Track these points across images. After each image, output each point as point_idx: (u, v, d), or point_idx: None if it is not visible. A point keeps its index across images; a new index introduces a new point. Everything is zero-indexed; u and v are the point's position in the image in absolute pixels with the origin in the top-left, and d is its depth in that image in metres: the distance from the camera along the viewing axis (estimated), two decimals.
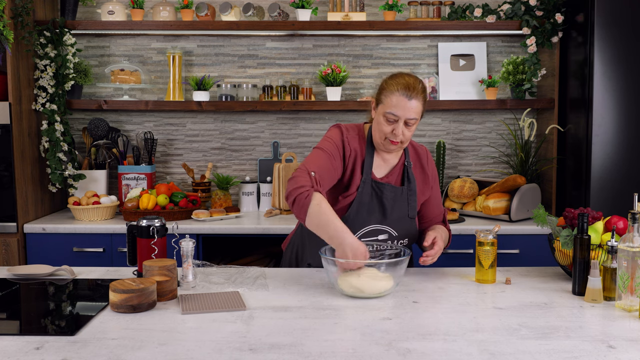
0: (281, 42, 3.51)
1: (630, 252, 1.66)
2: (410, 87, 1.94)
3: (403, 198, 2.08)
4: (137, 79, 3.39)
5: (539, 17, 3.20)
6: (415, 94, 1.94)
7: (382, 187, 2.05)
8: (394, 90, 1.95)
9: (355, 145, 2.06)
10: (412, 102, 1.94)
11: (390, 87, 1.96)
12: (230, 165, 3.58)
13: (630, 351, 1.40)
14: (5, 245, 2.93)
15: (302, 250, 2.20)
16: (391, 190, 2.06)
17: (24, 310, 1.77)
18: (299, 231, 2.23)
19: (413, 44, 3.51)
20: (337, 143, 2.05)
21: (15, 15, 2.94)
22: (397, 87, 1.95)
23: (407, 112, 1.94)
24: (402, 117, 1.95)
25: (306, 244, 2.18)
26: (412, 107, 1.94)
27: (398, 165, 2.12)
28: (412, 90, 1.94)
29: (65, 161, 3.18)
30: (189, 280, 1.90)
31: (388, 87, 1.97)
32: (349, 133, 2.08)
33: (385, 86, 1.99)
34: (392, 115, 1.95)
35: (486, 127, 3.56)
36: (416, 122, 1.99)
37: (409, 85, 1.95)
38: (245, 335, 1.49)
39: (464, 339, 1.48)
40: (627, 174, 2.90)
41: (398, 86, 1.95)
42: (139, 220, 1.91)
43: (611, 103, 2.89)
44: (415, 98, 1.94)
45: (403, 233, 2.08)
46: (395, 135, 1.97)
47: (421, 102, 1.98)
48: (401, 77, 1.98)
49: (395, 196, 2.07)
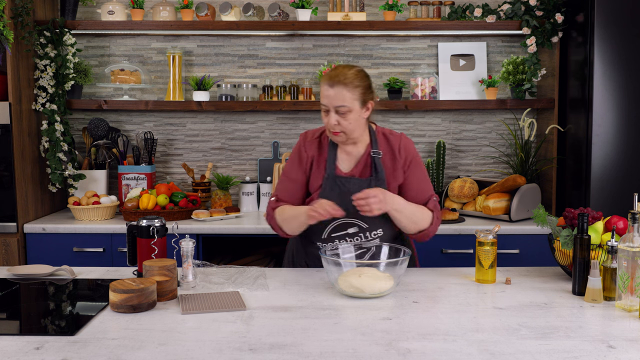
0: (281, 42, 3.51)
1: (630, 252, 1.66)
2: (333, 76, 2.02)
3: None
4: (137, 79, 3.39)
5: (539, 17, 3.20)
6: (337, 82, 2.00)
7: (345, 181, 2.09)
8: (323, 82, 2.05)
9: (313, 151, 2.16)
10: (335, 89, 2.00)
11: (322, 79, 2.07)
12: (230, 165, 3.58)
13: (630, 351, 1.40)
14: (5, 245, 2.93)
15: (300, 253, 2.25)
16: (355, 183, 2.08)
17: (24, 310, 1.77)
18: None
19: (413, 44, 3.51)
20: (296, 157, 2.18)
21: (15, 15, 2.94)
22: (324, 79, 2.04)
23: (332, 100, 2.00)
24: (330, 106, 2.01)
25: (302, 247, 2.23)
26: (334, 94, 2.00)
27: (363, 157, 2.13)
28: (334, 79, 2.01)
29: (65, 161, 3.18)
30: (189, 280, 1.90)
31: (321, 80, 2.08)
32: (307, 139, 2.19)
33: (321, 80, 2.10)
34: (323, 105, 2.04)
35: (486, 127, 3.56)
36: (349, 111, 2.01)
37: (333, 75, 2.02)
38: (245, 335, 1.49)
39: (464, 339, 1.48)
40: (627, 174, 2.90)
41: (326, 77, 2.04)
42: (139, 220, 1.92)
43: (611, 103, 2.89)
44: (337, 85, 2.00)
45: (374, 224, 2.09)
46: (330, 126, 2.03)
47: (347, 90, 2.00)
48: (333, 69, 2.07)
49: (359, 188, 2.06)
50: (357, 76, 2.03)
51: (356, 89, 2.02)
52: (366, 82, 2.05)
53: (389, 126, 3.53)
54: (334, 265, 1.84)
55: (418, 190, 2.13)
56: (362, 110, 2.05)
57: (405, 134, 2.20)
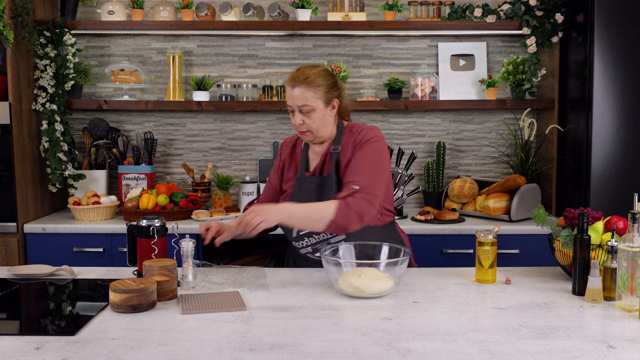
0: (281, 42, 3.51)
1: (630, 252, 1.66)
2: (294, 77, 2.07)
3: (329, 186, 2.08)
4: (137, 79, 3.39)
5: (539, 17, 3.20)
6: (298, 82, 2.05)
7: (305, 181, 2.14)
8: (286, 84, 2.10)
9: (286, 155, 2.26)
10: (296, 90, 2.04)
11: (285, 82, 2.11)
12: (230, 165, 3.58)
13: (630, 351, 1.40)
14: (5, 245, 2.93)
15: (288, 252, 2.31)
16: (312, 181, 2.12)
17: (24, 310, 1.77)
18: None
19: (413, 44, 3.51)
20: (275, 163, 2.31)
21: (15, 15, 2.94)
22: (287, 80, 2.09)
23: (295, 100, 2.05)
24: (294, 106, 2.06)
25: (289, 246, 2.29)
26: (296, 94, 2.04)
27: (324, 155, 2.15)
28: (294, 79, 2.06)
29: (65, 161, 3.18)
30: (189, 280, 1.90)
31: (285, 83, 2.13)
32: (284, 145, 2.30)
33: None
34: (289, 106, 2.09)
35: (486, 127, 3.56)
36: (313, 110, 2.04)
37: (294, 76, 2.07)
38: (245, 335, 1.49)
39: (464, 339, 1.48)
40: (627, 174, 2.90)
41: (288, 79, 2.09)
42: (139, 220, 1.92)
43: (611, 103, 2.89)
44: (298, 86, 2.04)
45: None
46: (297, 125, 2.08)
47: (307, 89, 2.03)
48: (297, 69, 2.10)
49: (319, 186, 2.09)
50: (319, 75, 2.06)
51: (319, 88, 2.04)
52: (329, 80, 2.07)
53: (389, 126, 3.53)
54: (334, 265, 1.84)
55: (349, 173, 2.04)
56: (327, 109, 2.07)
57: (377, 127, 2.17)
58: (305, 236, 2.11)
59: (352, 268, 1.84)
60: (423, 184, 3.49)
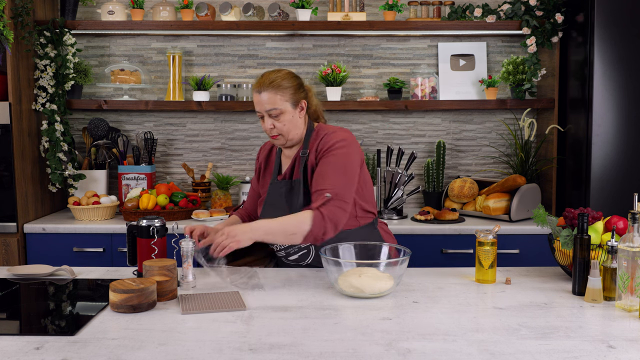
0: (281, 42, 3.51)
1: (630, 252, 1.66)
2: (259, 82, 2.07)
3: (297, 191, 2.09)
4: (137, 79, 3.39)
5: (539, 17, 3.20)
6: (262, 87, 2.05)
7: (275, 186, 2.15)
8: (252, 90, 2.13)
9: (262, 159, 2.29)
10: (262, 95, 2.05)
11: (252, 88, 2.14)
12: (230, 165, 3.58)
13: (630, 351, 1.40)
14: (5, 245, 2.93)
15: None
16: (281, 185, 2.13)
17: (24, 310, 1.77)
18: None
19: (413, 44, 3.51)
20: (255, 167, 2.33)
21: (15, 15, 2.94)
22: (253, 87, 2.09)
23: (263, 105, 2.06)
24: (262, 111, 2.07)
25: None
26: (264, 99, 2.05)
27: (293, 158, 2.16)
28: (260, 85, 2.06)
29: (65, 161, 3.18)
30: (189, 280, 1.91)
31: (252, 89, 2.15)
32: (262, 149, 2.32)
33: None
34: (257, 112, 2.09)
35: (486, 127, 3.56)
36: (281, 113, 2.05)
37: (258, 81, 2.08)
38: (245, 335, 1.49)
39: (464, 339, 1.48)
40: (627, 174, 2.90)
41: (254, 85, 2.10)
42: (139, 220, 1.92)
43: (611, 103, 2.89)
44: (264, 90, 2.05)
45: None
46: (267, 130, 2.09)
47: (275, 92, 2.04)
48: (260, 76, 2.11)
49: (288, 190, 2.10)
50: (285, 78, 2.07)
51: (285, 91, 2.05)
52: (295, 82, 2.08)
53: (389, 126, 3.53)
54: (334, 265, 1.84)
55: (317, 181, 2.01)
56: (296, 111, 2.08)
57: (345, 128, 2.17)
58: None
59: (352, 268, 1.85)
60: (423, 184, 3.49)
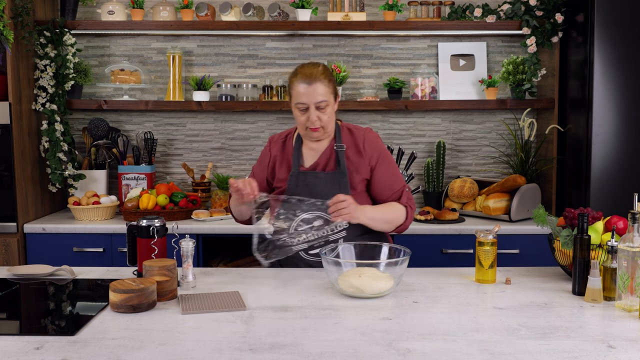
0: (281, 42, 3.51)
1: (630, 252, 1.66)
2: (308, 74, 2.07)
3: (333, 182, 2.11)
4: (137, 79, 3.39)
5: (539, 17, 3.20)
6: (314, 79, 2.06)
7: (307, 175, 2.14)
8: (295, 82, 2.09)
9: (276, 151, 2.24)
10: (314, 86, 2.05)
11: (293, 80, 2.11)
12: (230, 165, 3.58)
13: (630, 351, 1.40)
14: (5, 245, 2.93)
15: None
16: (317, 176, 2.13)
17: (24, 310, 1.77)
18: None
19: (413, 44, 3.51)
20: (261, 157, 2.29)
21: (15, 15, 2.94)
22: (298, 78, 2.08)
23: (312, 97, 2.05)
24: (310, 103, 2.06)
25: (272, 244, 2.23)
26: (316, 91, 2.05)
27: (326, 151, 2.17)
28: (311, 76, 2.06)
29: (65, 161, 3.18)
30: (189, 280, 1.91)
31: (291, 80, 2.12)
32: (273, 141, 2.28)
33: (289, 81, 2.14)
34: (301, 104, 2.07)
35: (486, 127, 3.56)
36: (328, 105, 2.08)
37: (306, 73, 2.07)
38: (245, 335, 1.49)
39: (464, 339, 1.48)
40: (627, 174, 2.90)
41: (298, 77, 2.09)
42: (139, 220, 1.92)
43: (611, 103, 2.89)
44: (315, 82, 2.05)
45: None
46: (311, 122, 2.08)
47: (324, 84, 2.07)
48: (300, 68, 2.12)
49: (324, 181, 2.11)
50: (327, 71, 2.12)
51: (331, 83, 2.10)
52: (333, 76, 2.15)
53: (389, 126, 3.53)
54: (334, 265, 1.84)
55: (388, 186, 2.16)
56: (335, 104, 2.14)
57: (371, 128, 2.25)
58: (304, 232, 2.09)
59: (352, 268, 1.85)
60: (423, 184, 3.49)
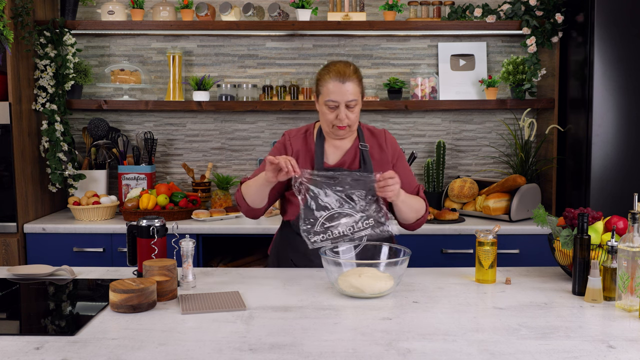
0: (281, 42, 3.51)
1: (630, 252, 1.66)
2: (342, 72, 2.05)
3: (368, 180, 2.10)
4: (137, 79, 3.39)
5: (539, 17, 3.20)
6: (347, 77, 2.05)
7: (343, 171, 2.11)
8: (328, 79, 2.07)
9: (298, 146, 2.19)
10: (347, 85, 2.04)
11: (324, 76, 2.08)
12: (230, 165, 3.58)
13: (630, 351, 1.40)
14: (5, 245, 2.93)
15: (284, 249, 2.25)
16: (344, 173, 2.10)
17: (24, 310, 1.77)
18: (279, 233, 2.31)
19: (413, 44, 3.51)
20: (279, 148, 2.21)
21: (15, 15, 2.94)
22: (331, 75, 2.06)
23: (344, 96, 2.04)
24: (341, 102, 2.05)
25: (286, 243, 2.24)
26: (348, 90, 2.04)
27: (351, 150, 2.17)
28: (344, 75, 2.05)
29: (65, 161, 3.18)
30: (189, 280, 1.91)
31: (322, 77, 2.10)
32: (292, 136, 2.22)
33: (320, 77, 2.11)
34: (332, 101, 2.05)
35: (486, 127, 3.56)
36: (357, 104, 2.08)
37: (340, 71, 2.06)
38: (245, 335, 1.49)
39: (464, 339, 1.48)
40: (627, 174, 2.90)
41: (330, 74, 2.06)
42: (139, 220, 1.91)
43: (611, 103, 2.89)
44: (348, 81, 2.05)
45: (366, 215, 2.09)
46: (340, 120, 2.07)
47: (356, 84, 2.07)
48: (332, 65, 2.09)
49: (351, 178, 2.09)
50: (358, 70, 2.12)
51: (360, 83, 2.10)
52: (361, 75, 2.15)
53: (389, 126, 3.53)
54: (334, 265, 1.84)
55: (407, 184, 2.20)
56: (361, 102, 2.14)
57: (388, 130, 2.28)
58: (330, 229, 2.06)
59: (352, 268, 1.85)
60: (423, 184, 3.49)
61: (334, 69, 2.07)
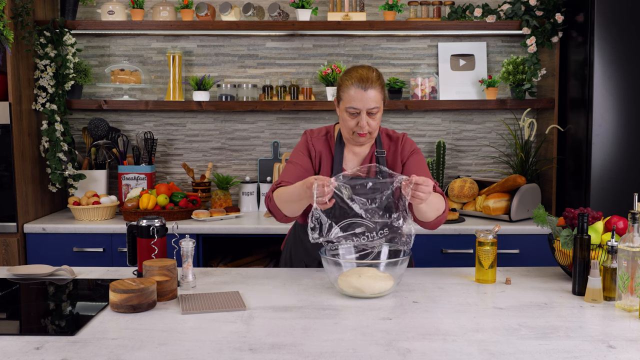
0: (281, 42, 3.51)
1: (630, 252, 1.66)
2: (364, 79, 2.00)
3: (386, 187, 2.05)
4: (137, 79, 3.39)
5: (539, 17, 3.20)
6: (370, 84, 1.99)
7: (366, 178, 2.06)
8: (349, 85, 2.01)
9: (320, 147, 2.15)
10: (369, 92, 1.99)
11: (346, 82, 2.02)
12: (230, 165, 3.58)
13: (630, 351, 1.40)
14: (5, 245, 2.93)
15: (296, 250, 2.23)
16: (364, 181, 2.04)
17: (24, 310, 1.77)
18: (292, 231, 2.28)
19: (413, 44, 3.51)
20: (302, 149, 2.16)
21: (15, 15, 2.94)
22: (352, 82, 2.00)
23: (366, 103, 1.99)
24: (363, 109, 2.00)
25: (299, 243, 2.21)
26: (370, 97, 1.99)
27: (368, 156, 2.14)
28: (367, 81, 1.99)
29: (65, 161, 3.18)
30: (189, 280, 1.91)
31: (344, 83, 2.04)
32: (313, 136, 2.17)
33: (341, 83, 2.05)
34: (353, 108, 2.00)
35: (486, 127, 3.56)
36: (379, 111, 2.03)
37: (362, 77, 2.00)
38: (245, 335, 1.49)
39: (464, 339, 1.48)
40: (627, 174, 2.90)
41: (353, 80, 2.00)
42: (139, 220, 1.92)
43: (611, 103, 2.89)
44: (371, 88, 1.99)
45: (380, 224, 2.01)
46: (360, 128, 2.02)
47: (378, 90, 2.01)
48: (354, 71, 2.03)
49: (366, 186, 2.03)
50: (381, 76, 2.06)
51: (382, 89, 2.05)
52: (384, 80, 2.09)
53: (389, 126, 3.53)
54: (334, 265, 1.84)
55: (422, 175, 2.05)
56: (383, 109, 2.09)
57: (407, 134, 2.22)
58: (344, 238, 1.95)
59: (352, 268, 1.85)
60: None
61: (356, 75, 2.01)
